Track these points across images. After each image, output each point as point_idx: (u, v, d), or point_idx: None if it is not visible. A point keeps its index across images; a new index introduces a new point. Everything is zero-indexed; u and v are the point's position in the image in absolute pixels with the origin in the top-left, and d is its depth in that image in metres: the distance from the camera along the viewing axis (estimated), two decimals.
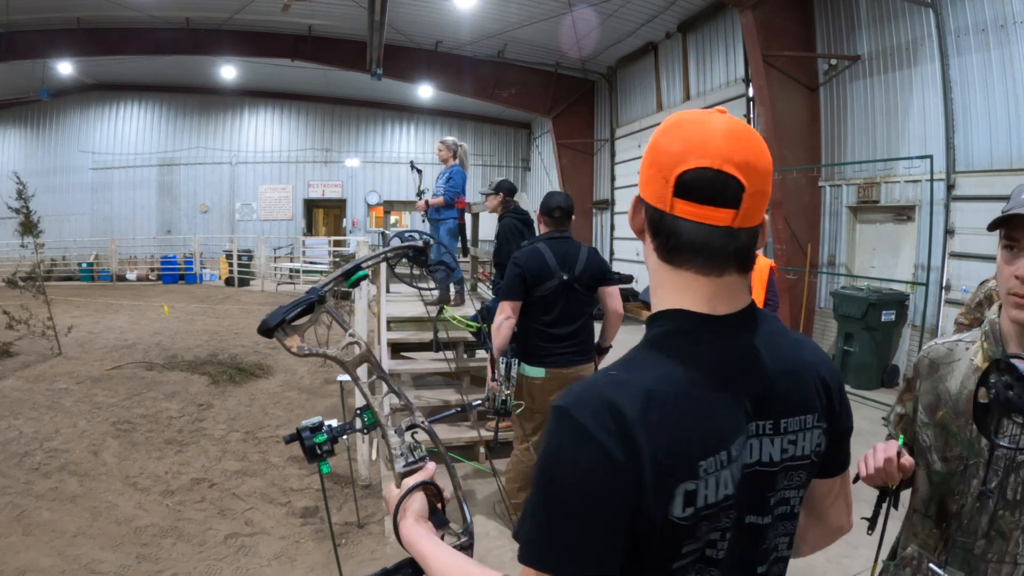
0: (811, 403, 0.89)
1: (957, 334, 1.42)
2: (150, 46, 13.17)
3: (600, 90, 15.07)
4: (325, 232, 21.44)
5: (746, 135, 0.82)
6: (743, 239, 0.82)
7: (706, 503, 0.76)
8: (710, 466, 0.77)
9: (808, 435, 0.89)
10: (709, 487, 0.76)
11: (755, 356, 0.85)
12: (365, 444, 4.40)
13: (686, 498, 0.75)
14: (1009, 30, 5.87)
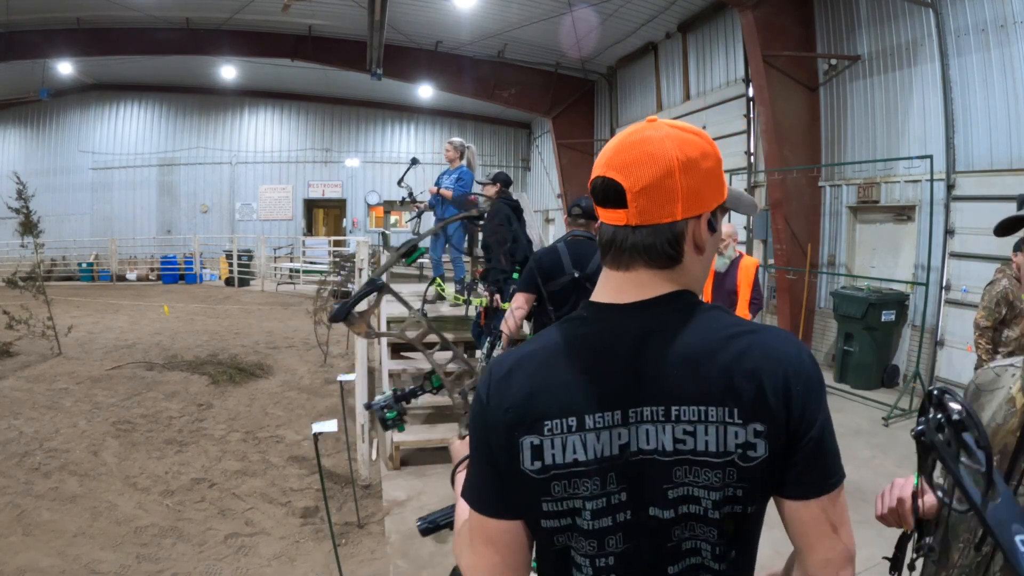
0: (716, 397, 0.83)
1: (1009, 358, 1.23)
2: (150, 46, 13.17)
3: (600, 90, 15.07)
4: (325, 232, 21.44)
5: (636, 140, 0.89)
6: (643, 235, 0.88)
7: (554, 462, 0.85)
8: (555, 427, 0.85)
9: (713, 429, 0.83)
10: (555, 447, 0.85)
11: (648, 341, 0.86)
12: (365, 444, 4.40)
13: (533, 452, 0.86)
14: (1009, 30, 5.87)
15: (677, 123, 0.91)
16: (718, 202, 0.92)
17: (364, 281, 4.44)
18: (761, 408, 0.83)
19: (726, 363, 0.84)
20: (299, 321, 10.36)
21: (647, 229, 0.87)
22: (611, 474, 0.86)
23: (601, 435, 0.85)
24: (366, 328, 1.24)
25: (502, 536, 0.91)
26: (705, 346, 0.85)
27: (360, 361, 4.48)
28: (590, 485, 0.86)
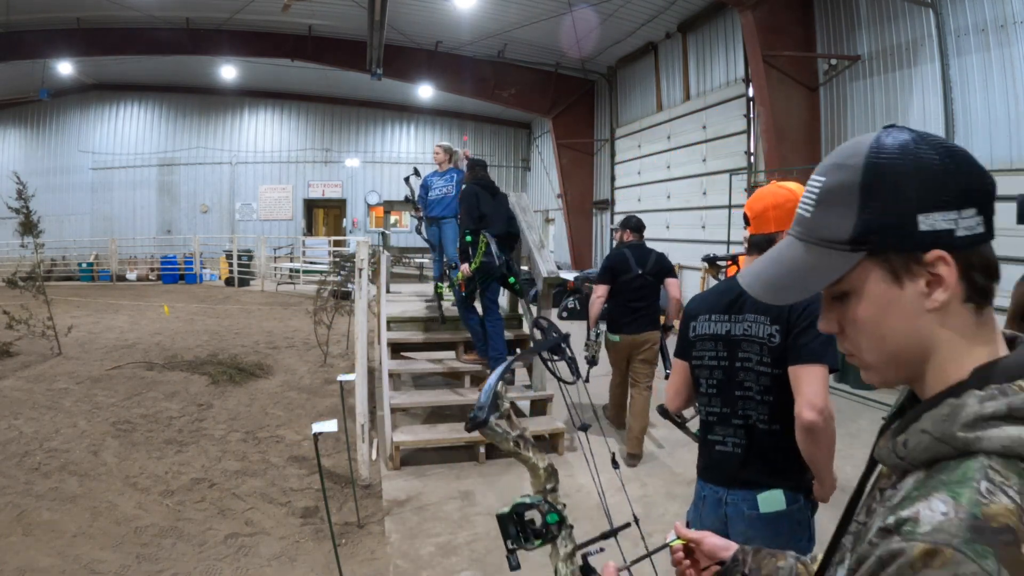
0: (761, 312, 1.79)
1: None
2: (150, 46, 13.18)
3: (600, 90, 15.07)
4: (325, 232, 21.44)
5: (757, 193, 1.91)
6: (758, 239, 1.84)
7: (696, 333, 1.92)
8: (702, 318, 1.91)
9: (758, 326, 1.79)
10: (700, 327, 1.91)
11: (735, 289, 1.83)
12: (365, 444, 4.40)
13: (693, 328, 1.93)
14: (1009, 30, 5.87)
15: (780, 185, 1.88)
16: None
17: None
18: (779, 318, 1.75)
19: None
20: (299, 321, 10.36)
21: (760, 236, 1.83)
22: (719, 342, 1.86)
23: (717, 324, 1.87)
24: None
25: (681, 367, 1.99)
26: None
27: (360, 361, 4.48)
28: (709, 345, 1.88)
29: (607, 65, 14.05)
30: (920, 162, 0.62)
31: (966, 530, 0.53)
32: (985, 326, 0.64)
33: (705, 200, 10.80)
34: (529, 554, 1.04)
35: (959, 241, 0.62)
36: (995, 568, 0.51)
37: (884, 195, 0.62)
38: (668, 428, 5.54)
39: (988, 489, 0.55)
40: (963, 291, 0.63)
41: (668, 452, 5.03)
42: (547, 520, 1.02)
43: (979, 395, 0.59)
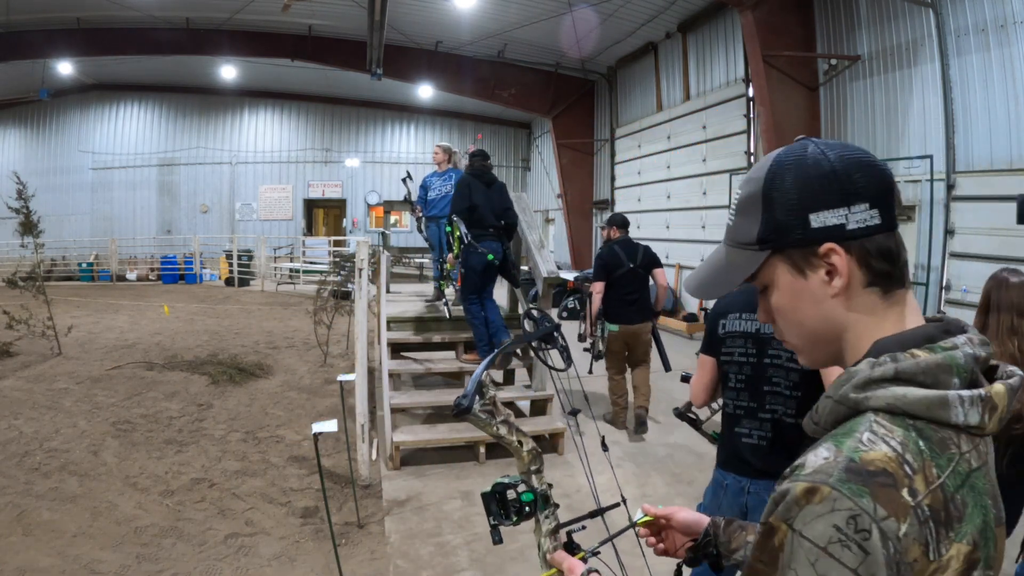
0: None
1: None
2: (150, 46, 13.18)
3: (600, 90, 15.07)
4: (325, 232, 21.44)
5: None
6: None
7: (726, 330, 2.06)
8: (732, 316, 2.05)
9: None
10: (730, 324, 2.05)
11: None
12: (365, 444, 4.40)
13: (722, 326, 2.08)
14: (1009, 30, 5.87)
15: None
16: None
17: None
18: None
19: None
20: (299, 321, 10.36)
21: None
22: (749, 339, 2.00)
23: (746, 323, 2.01)
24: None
25: (708, 363, 2.14)
26: None
27: (360, 361, 4.48)
28: (739, 342, 2.02)
29: (607, 65, 14.05)
30: (810, 169, 0.71)
31: (842, 471, 0.60)
32: (895, 307, 0.71)
33: (705, 200, 10.80)
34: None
35: (850, 233, 0.69)
36: (871, 506, 0.58)
37: (780, 200, 0.72)
38: (665, 431, 5.54)
39: (869, 439, 0.63)
40: (864, 277, 0.70)
41: (668, 454, 5.03)
42: (521, 499, 1.10)
43: (872, 361, 0.67)
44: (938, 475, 0.61)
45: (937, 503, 0.60)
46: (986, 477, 0.65)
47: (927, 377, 0.65)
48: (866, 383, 0.66)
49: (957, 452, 0.63)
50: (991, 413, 0.64)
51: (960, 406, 0.63)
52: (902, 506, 0.58)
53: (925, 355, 0.66)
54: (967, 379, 0.65)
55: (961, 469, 0.63)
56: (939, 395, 0.63)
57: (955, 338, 0.68)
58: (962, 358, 0.65)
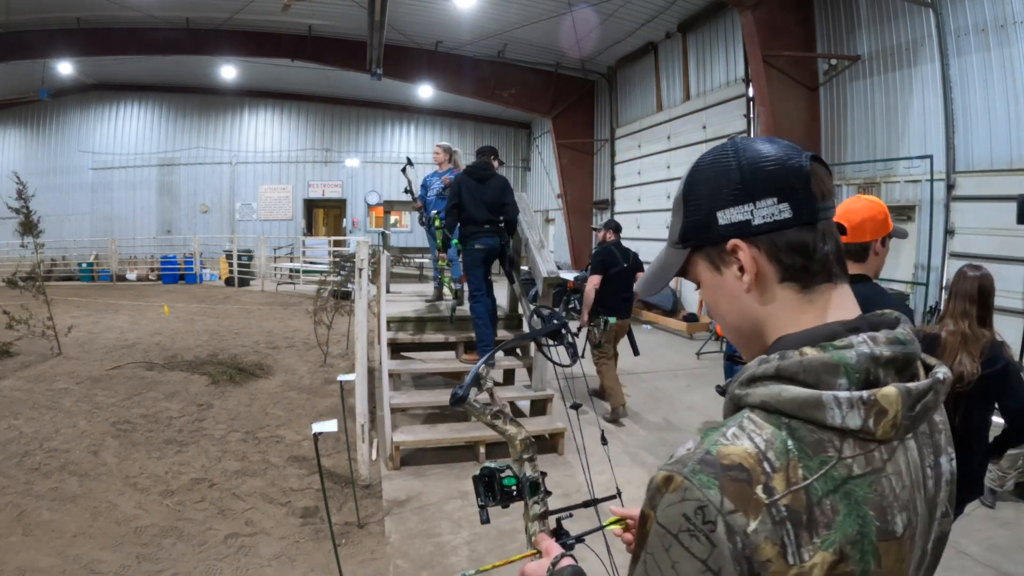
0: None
1: None
2: (150, 46, 13.18)
3: (600, 90, 15.07)
4: (325, 232, 21.44)
5: (850, 206, 2.10)
6: (854, 247, 2.07)
7: None
8: None
9: None
10: None
11: None
12: (365, 444, 4.40)
13: None
14: (1009, 30, 5.87)
15: (870, 199, 2.10)
16: (885, 232, 2.07)
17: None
18: None
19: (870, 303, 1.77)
20: (299, 321, 10.36)
21: (855, 244, 2.03)
22: None
23: None
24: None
25: None
26: (861, 295, 1.89)
27: (360, 361, 4.48)
28: None
29: (607, 65, 14.05)
30: (718, 168, 0.72)
31: (696, 462, 0.61)
32: (815, 303, 0.70)
33: None
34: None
35: (756, 229, 0.69)
36: (718, 499, 0.58)
37: (693, 199, 0.74)
38: (669, 427, 5.54)
39: (734, 434, 0.62)
40: (776, 272, 0.69)
41: (669, 453, 5.03)
42: (503, 483, 1.15)
43: (761, 358, 0.66)
44: (804, 477, 0.59)
45: (798, 505, 0.58)
46: (873, 486, 0.61)
47: (808, 376, 0.63)
48: (750, 379, 0.66)
49: (835, 456, 0.60)
50: (878, 417, 0.61)
51: (836, 408, 0.60)
52: (753, 503, 0.57)
53: (812, 353, 0.64)
54: (859, 380, 0.62)
55: (836, 474, 0.60)
56: (813, 395, 0.61)
57: (853, 336, 0.65)
58: (854, 358, 0.63)
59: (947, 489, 0.72)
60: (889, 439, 0.62)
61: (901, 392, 0.62)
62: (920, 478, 0.66)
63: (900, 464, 0.64)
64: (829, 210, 0.71)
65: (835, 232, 0.72)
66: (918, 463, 0.66)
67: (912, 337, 0.68)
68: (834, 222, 0.73)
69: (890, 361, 0.64)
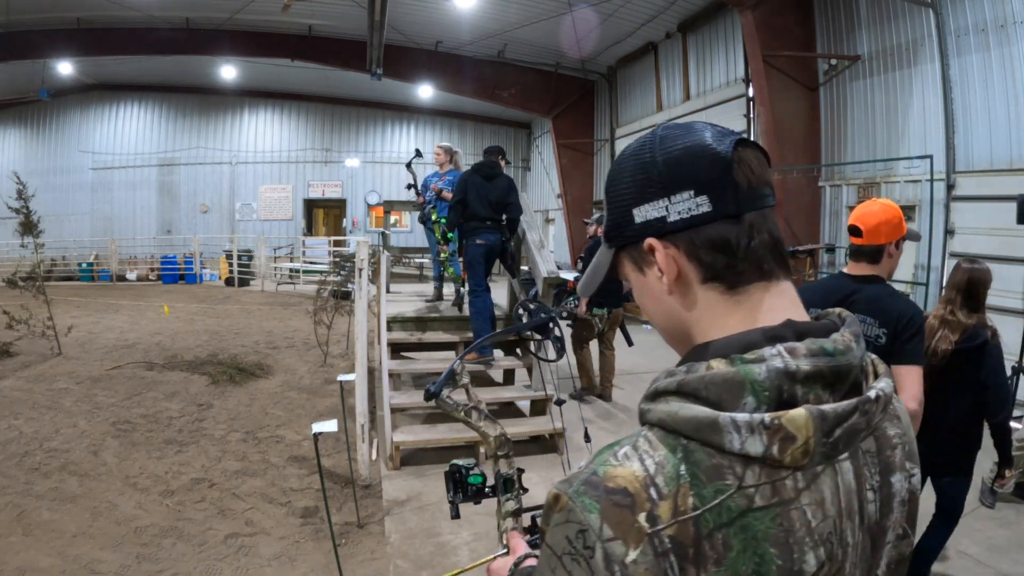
0: (872, 314, 2.16)
1: None
2: (150, 46, 13.18)
3: (600, 90, 15.07)
4: (325, 232, 21.43)
5: (866, 210, 2.26)
6: (868, 249, 2.28)
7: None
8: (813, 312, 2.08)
9: (868, 327, 2.15)
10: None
11: (858, 289, 2.23)
12: (365, 444, 4.40)
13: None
14: (1009, 30, 5.87)
15: (885, 202, 2.27)
16: (899, 236, 2.23)
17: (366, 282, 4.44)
18: (887, 323, 2.13)
19: (879, 302, 2.15)
20: (299, 321, 10.36)
21: (870, 246, 2.22)
22: None
23: None
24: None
25: None
26: (873, 294, 2.17)
27: (360, 361, 4.47)
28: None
29: (607, 65, 14.05)
30: (635, 160, 0.66)
31: (581, 483, 0.56)
32: (743, 305, 0.63)
33: None
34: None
35: (672, 226, 0.62)
36: (597, 523, 0.53)
37: (614, 196, 0.68)
38: None
39: (626, 454, 0.56)
40: (698, 272, 0.63)
41: None
42: (467, 481, 1.17)
43: (668, 371, 0.61)
44: (694, 506, 0.52)
45: (685, 537, 0.52)
46: (778, 520, 0.53)
47: (709, 393, 0.56)
48: (654, 394, 0.60)
49: (734, 484, 0.53)
50: (783, 444, 0.53)
51: (735, 432, 0.53)
52: (635, 531, 0.52)
53: (719, 367, 0.57)
54: (769, 399, 0.55)
55: (733, 505, 0.53)
56: (710, 416, 0.54)
57: (767, 348, 0.57)
58: (763, 374, 0.55)
59: (902, 510, 0.64)
60: (803, 466, 0.55)
61: (812, 416, 0.54)
62: (855, 504, 0.59)
63: (823, 492, 0.56)
64: (759, 200, 0.63)
65: (770, 224, 0.64)
66: (852, 487, 0.59)
67: (848, 346, 0.59)
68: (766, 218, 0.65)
69: (812, 376, 0.56)
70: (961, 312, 2.72)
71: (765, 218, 0.63)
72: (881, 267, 2.24)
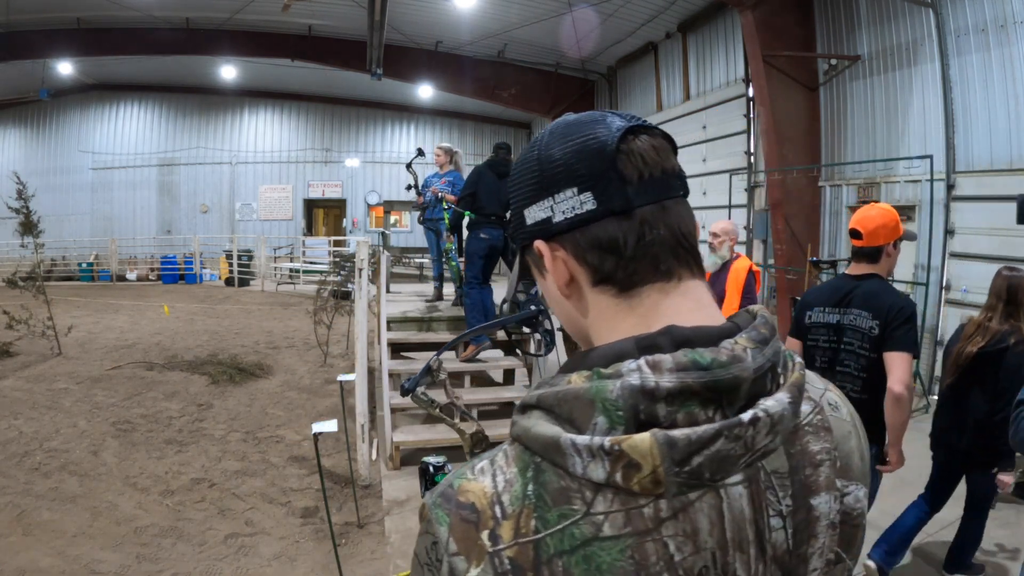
0: (867, 307, 2.43)
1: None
2: (150, 46, 13.17)
3: (600, 90, 15.07)
4: (325, 232, 21.43)
5: (865, 214, 2.59)
6: (869, 250, 2.64)
7: (811, 320, 2.63)
8: (817, 309, 2.62)
9: (862, 319, 2.42)
10: (815, 316, 2.61)
11: (856, 286, 2.52)
12: (365, 444, 4.40)
13: (808, 316, 2.64)
14: (1009, 30, 5.87)
15: (884, 207, 2.57)
16: (896, 237, 2.51)
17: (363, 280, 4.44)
18: (878, 315, 2.40)
19: (874, 296, 2.43)
20: (299, 321, 10.36)
21: (870, 247, 2.50)
22: (831, 329, 2.55)
23: (830, 315, 2.55)
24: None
25: (795, 344, 2.69)
26: (868, 289, 2.46)
27: (360, 361, 4.48)
28: (823, 331, 2.58)
29: (607, 65, 14.04)
30: (526, 159, 0.63)
31: (438, 495, 0.55)
32: (635, 309, 0.59)
33: (705, 200, 10.80)
34: None
35: (557, 227, 0.59)
36: (445, 536, 0.52)
37: (512, 197, 0.65)
38: None
39: (482, 468, 0.55)
40: (588, 275, 0.59)
41: None
42: (435, 480, 1.15)
43: (541, 381, 0.58)
44: (536, 529, 0.50)
45: (524, 560, 0.49)
46: (629, 552, 0.49)
47: (561, 409, 0.53)
48: (521, 407, 0.57)
49: (581, 510, 0.49)
50: (627, 472, 0.48)
51: (576, 454, 0.50)
52: (477, 548, 0.50)
53: (576, 381, 0.53)
54: (623, 419, 0.50)
55: (577, 533, 0.49)
56: (553, 436, 0.51)
57: (627, 362, 0.52)
58: (616, 391, 0.50)
59: (831, 533, 0.57)
60: (660, 494, 0.49)
61: (659, 443, 0.48)
62: (748, 534, 0.52)
63: (698, 522, 0.50)
64: (656, 192, 0.58)
65: (672, 217, 0.59)
66: (746, 515, 0.52)
67: (735, 357, 0.52)
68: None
69: (678, 394, 0.50)
70: (999, 318, 2.87)
71: (665, 211, 0.58)
72: (880, 266, 2.49)
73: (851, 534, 0.60)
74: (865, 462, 0.64)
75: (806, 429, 0.57)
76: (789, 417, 0.54)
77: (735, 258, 4.29)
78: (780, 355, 0.57)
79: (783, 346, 0.59)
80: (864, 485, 0.62)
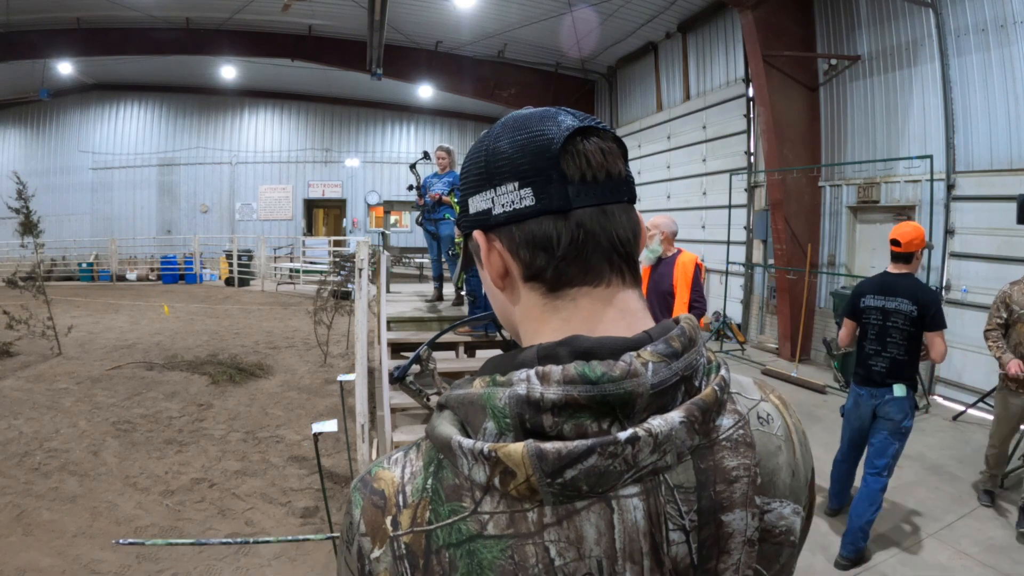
0: (909, 297, 3.30)
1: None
2: (150, 46, 13.17)
3: (600, 90, 15.07)
4: (325, 232, 21.43)
5: (904, 228, 3.50)
6: (905, 255, 3.56)
7: (864, 304, 3.48)
8: (869, 296, 3.47)
9: (905, 305, 3.30)
10: (867, 301, 3.47)
11: (898, 282, 3.39)
12: (365, 444, 4.40)
13: (863, 301, 3.50)
14: (1009, 30, 5.87)
15: (915, 224, 3.39)
16: (923, 246, 3.39)
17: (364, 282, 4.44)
18: (916, 302, 3.28)
19: (915, 289, 3.32)
20: (299, 321, 10.36)
21: (906, 252, 3.37)
22: (880, 312, 3.41)
23: (878, 300, 3.42)
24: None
25: (851, 324, 3.59)
26: (910, 283, 3.35)
27: (360, 361, 4.47)
28: (873, 314, 3.43)
29: (607, 65, 14.05)
30: (476, 149, 0.63)
31: (359, 480, 0.59)
32: (559, 311, 0.59)
33: (705, 200, 10.80)
34: None
35: (496, 219, 0.60)
36: (357, 518, 0.57)
37: (461, 185, 0.65)
38: None
39: (396, 459, 0.59)
40: (520, 270, 0.60)
41: None
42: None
43: (457, 383, 0.59)
44: (429, 521, 0.53)
45: (417, 548, 0.53)
46: (508, 552, 0.51)
47: (461, 412, 0.55)
48: (438, 404, 0.59)
49: (469, 508, 0.52)
50: (504, 478, 0.51)
51: (463, 456, 0.52)
52: (380, 531, 0.55)
53: (478, 386, 0.55)
54: (511, 426, 0.52)
55: (464, 528, 0.52)
56: (447, 437, 0.54)
57: (519, 372, 0.53)
58: (503, 399, 0.52)
59: (749, 550, 0.56)
60: (540, 501, 0.51)
61: (530, 453, 0.50)
62: (642, 546, 0.52)
63: (583, 530, 0.51)
64: (597, 195, 0.58)
65: (610, 222, 0.59)
66: (641, 527, 0.52)
67: (631, 372, 0.52)
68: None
69: (565, 406, 0.51)
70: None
71: (605, 215, 0.58)
72: (912, 266, 3.37)
73: (774, 551, 0.59)
74: (799, 477, 0.62)
75: (723, 444, 0.56)
76: (681, 435, 0.53)
77: (678, 253, 4.15)
78: (698, 367, 0.57)
79: (705, 358, 0.59)
80: (794, 502, 0.61)
